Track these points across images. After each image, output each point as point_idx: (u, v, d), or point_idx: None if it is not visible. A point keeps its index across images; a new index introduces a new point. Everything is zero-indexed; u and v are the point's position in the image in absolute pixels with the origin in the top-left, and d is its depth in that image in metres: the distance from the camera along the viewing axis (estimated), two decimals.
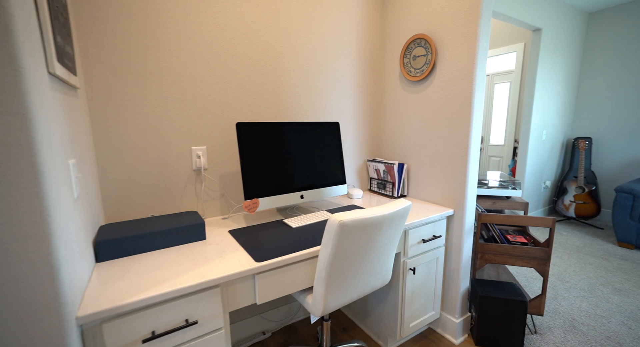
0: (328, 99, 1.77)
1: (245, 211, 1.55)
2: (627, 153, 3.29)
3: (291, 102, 1.64)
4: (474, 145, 1.48)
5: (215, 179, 1.46)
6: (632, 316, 1.77)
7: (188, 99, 1.34)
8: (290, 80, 1.62)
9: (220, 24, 1.37)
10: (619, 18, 3.25)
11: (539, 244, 1.63)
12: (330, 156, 1.59)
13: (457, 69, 1.47)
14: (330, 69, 1.75)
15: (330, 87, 1.77)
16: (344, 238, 0.97)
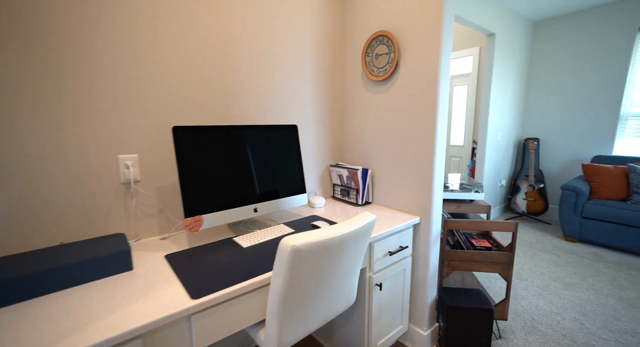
0: (285, 100, 1.61)
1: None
2: (569, 153, 3.54)
3: (243, 103, 1.46)
4: (439, 149, 1.41)
5: (150, 192, 1.23)
6: (581, 311, 1.85)
7: (116, 97, 1.10)
8: (243, 80, 1.43)
9: (157, 14, 1.14)
10: (560, 28, 3.49)
11: (502, 248, 1.62)
12: (288, 163, 1.44)
13: (421, 69, 1.39)
14: (287, 67, 1.59)
15: (288, 87, 1.61)
16: (299, 265, 0.82)
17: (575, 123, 3.47)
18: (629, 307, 1.88)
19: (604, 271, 2.34)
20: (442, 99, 1.36)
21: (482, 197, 1.85)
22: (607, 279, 2.22)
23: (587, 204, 2.77)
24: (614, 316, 1.80)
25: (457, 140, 4.06)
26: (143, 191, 1.21)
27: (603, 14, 3.19)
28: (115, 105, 1.11)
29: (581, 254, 2.62)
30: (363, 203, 1.68)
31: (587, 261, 2.50)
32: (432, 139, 1.39)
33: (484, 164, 3.35)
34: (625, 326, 1.72)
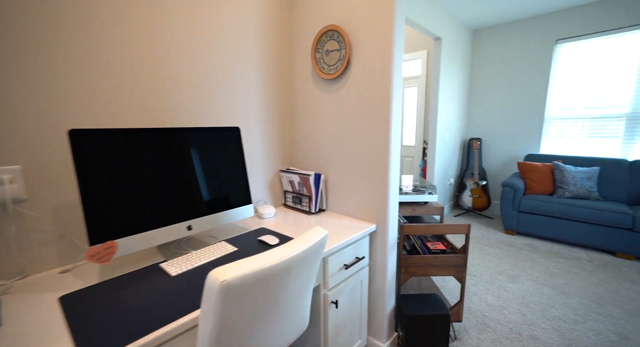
0: (227, 101, 1.42)
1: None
2: (506, 151, 3.85)
3: (176, 104, 1.23)
4: (394, 151, 1.34)
5: (44, 213, 0.96)
6: (523, 302, 1.96)
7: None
8: (176, 77, 1.21)
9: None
10: (495, 36, 3.76)
11: (456, 250, 1.62)
12: (229, 170, 1.25)
13: (373, 67, 1.31)
14: (230, 65, 1.40)
15: (231, 87, 1.42)
16: (233, 304, 0.66)
17: (510, 124, 3.78)
18: (560, 294, 2.05)
19: (538, 260, 2.54)
20: (395, 99, 1.29)
21: (435, 198, 1.85)
22: (542, 268, 2.41)
23: (523, 199, 3.00)
24: (549, 303, 1.94)
25: (409, 141, 4.18)
26: (30, 212, 0.93)
27: (528, 26, 3.50)
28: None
29: (519, 246, 2.83)
30: (316, 211, 1.56)
31: (524, 252, 2.71)
32: (386, 141, 1.32)
33: (434, 163, 3.47)
34: (559, 312, 1.85)
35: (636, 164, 2.86)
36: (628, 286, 2.15)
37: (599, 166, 2.98)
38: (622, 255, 2.58)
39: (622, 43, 3.01)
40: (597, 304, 1.94)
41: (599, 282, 2.20)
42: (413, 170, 4.20)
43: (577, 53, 3.27)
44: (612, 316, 1.82)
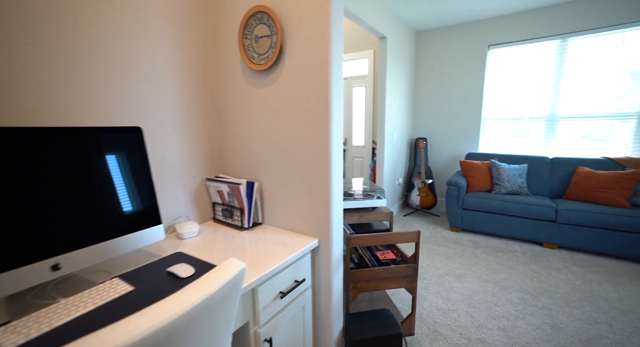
0: (132, 96, 1.11)
1: None
2: (449, 150, 4.01)
3: (57, 96, 0.89)
4: (336, 154, 1.17)
5: None
6: (470, 302, 1.96)
7: None
8: (55, 62, 0.87)
9: None
10: (435, 39, 3.89)
11: (407, 259, 1.52)
12: (126, 183, 0.95)
13: (310, 56, 1.12)
14: (136, 50, 1.09)
15: (136, 79, 1.11)
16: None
17: (452, 124, 3.94)
18: (502, 290, 2.10)
19: (481, 256, 2.63)
20: (335, 93, 1.12)
21: (384, 203, 1.74)
22: (484, 264, 2.48)
23: (466, 197, 3.11)
24: (493, 301, 1.97)
25: (359, 141, 4.13)
26: None
27: (465, 31, 3.68)
28: None
29: (464, 243, 2.92)
30: (250, 225, 1.32)
31: (468, 249, 2.79)
32: (326, 143, 1.14)
33: (383, 163, 3.45)
34: (502, 310, 1.88)
35: (555, 161, 3.14)
36: (555, 274, 2.31)
37: (527, 164, 3.22)
38: (547, 245, 2.80)
39: (542, 51, 3.30)
40: (533, 296, 2.02)
41: (532, 273, 2.33)
42: (363, 171, 4.16)
43: (505, 58, 3.51)
44: (546, 307, 1.91)
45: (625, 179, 2.63)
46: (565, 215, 2.66)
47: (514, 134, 3.58)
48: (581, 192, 2.82)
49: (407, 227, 3.40)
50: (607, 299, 2.00)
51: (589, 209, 2.59)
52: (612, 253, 2.55)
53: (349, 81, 4.17)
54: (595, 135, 3.16)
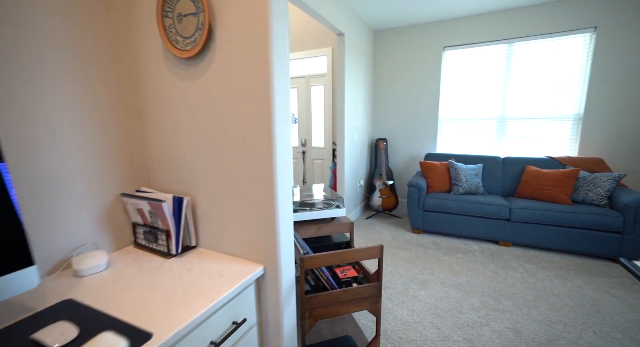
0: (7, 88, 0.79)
1: None
2: (409, 151, 4.02)
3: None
4: (282, 161, 0.96)
5: None
6: (435, 312, 1.88)
7: None
8: None
9: None
10: (393, 39, 3.87)
11: (369, 276, 1.36)
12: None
13: (246, 40, 0.90)
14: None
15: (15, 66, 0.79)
16: None
17: (411, 124, 3.95)
18: (464, 295, 2.06)
19: (442, 259, 2.60)
20: (279, 89, 0.91)
21: (343, 212, 1.57)
22: (446, 267, 2.45)
23: (427, 198, 3.10)
24: (457, 308, 1.91)
25: (319, 142, 3.96)
26: None
27: (422, 31, 3.69)
28: None
29: (425, 245, 2.89)
30: (178, 251, 1.06)
31: (430, 251, 2.76)
32: (269, 148, 0.92)
33: (344, 165, 3.32)
34: (466, 317, 1.82)
35: (506, 160, 3.27)
36: (511, 273, 2.35)
37: (482, 163, 3.31)
38: (502, 243, 2.88)
39: (492, 54, 3.41)
40: (494, 299, 2.01)
41: (491, 274, 2.34)
42: (324, 174, 4.01)
43: (459, 60, 3.59)
44: (506, 310, 1.89)
45: (567, 177, 2.79)
46: (517, 214, 2.75)
47: (469, 134, 3.68)
48: (530, 191, 2.95)
49: (370, 231, 3.31)
50: (558, 296, 2.05)
51: (538, 207, 2.70)
52: (558, 248, 2.68)
53: (307, 80, 3.99)
54: (540, 136, 3.34)
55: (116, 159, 1.11)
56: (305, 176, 4.18)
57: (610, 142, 3.04)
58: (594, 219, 2.51)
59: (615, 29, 2.89)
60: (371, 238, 3.10)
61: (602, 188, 2.65)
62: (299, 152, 4.19)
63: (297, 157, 4.22)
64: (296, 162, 4.24)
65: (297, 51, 3.94)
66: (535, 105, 3.31)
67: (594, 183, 2.71)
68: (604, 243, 2.52)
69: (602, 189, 2.65)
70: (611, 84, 2.96)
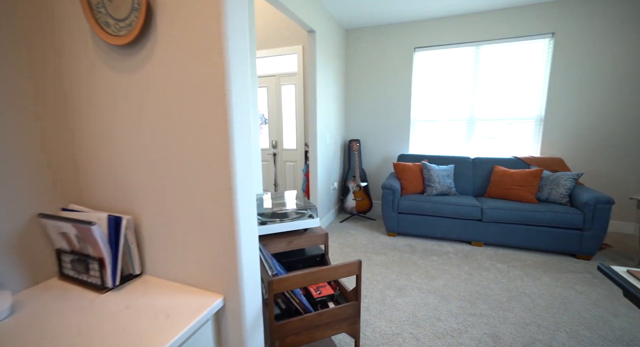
0: None
1: None
2: (382, 152, 3.99)
3: None
4: (242, 171, 0.81)
5: None
6: (414, 321, 1.81)
7: None
8: None
9: None
10: (367, 38, 3.81)
11: (347, 294, 1.24)
12: None
13: (195, 26, 0.73)
14: None
15: None
16: None
17: (384, 125, 3.92)
18: (442, 300, 2.02)
19: (418, 262, 2.57)
20: (236, 86, 0.75)
21: (317, 223, 1.44)
22: (422, 271, 2.41)
23: (401, 200, 3.06)
24: (436, 315, 1.86)
25: (290, 144, 3.81)
26: None
27: (393, 31, 3.67)
28: None
29: (401, 248, 2.85)
30: (116, 284, 0.87)
31: (406, 255, 2.72)
32: (227, 156, 0.77)
33: (317, 167, 3.19)
34: (445, 325, 1.77)
35: (476, 160, 3.33)
36: (485, 274, 2.36)
37: (453, 164, 3.34)
38: (475, 243, 2.91)
39: (461, 56, 3.47)
40: (470, 303, 1.99)
41: (466, 276, 2.33)
42: (296, 177, 3.86)
43: (430, 61, 3.61)
44: (483, 314, 1.87)
45: (532, 177, 2.88)
46: (489, 214, 2.79)
47: (441, 135, 3.72)
48: (499, 190, 3.01)
49: (344, 235, 3.21)
50: (530, 296, 2.07)
51: (507, 207, 2.76)
52: (526, 246, 2.76)
53: (277, 79, 3.82)
54: (506, 136, 3.45)
55: (30, 170, 0.88)
56: (277, 179, 4.00)
57: (568, 142, 3.21)
58: (557, 217, 2.61)
59: (571, 35, 3.04)
60: (346, 243, 3.01)
61: (564, 187, 2.77)
62: (269, 155, 4.00)
63: (267, 159, 4.03)
64: (267, 164, 4.04)
65: (267, 48, 3.75)
66: (501, 107, 3.41)
67: (556, 182, 2.82)
68: (566, 240, 2.63)
69: (563, 187, 2.77)
70: (568, 87, 3.12)
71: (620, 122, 3.02)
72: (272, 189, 4.06)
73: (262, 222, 1.39)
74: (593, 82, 3.04)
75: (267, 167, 4.05)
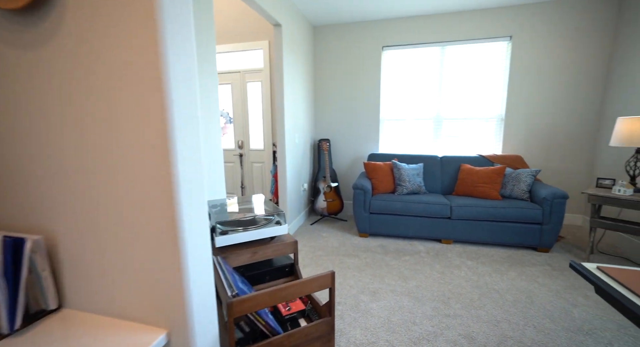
0: None
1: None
2: (352, 151, 3.93)
3: None
4: (188, 179, 0.65)
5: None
6: (389, 327, 1.74)
7: None
8: None
9: None
10: (335, 35, 3.73)
11: (319, 308, 1.12)
12: None
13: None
14: None
15: None
16: None
17: (353, 124, 3.87)
18: (416, 302, 1.98)
19: (391, 263, 2.52)
20: (175, 68, 0.60)
21: (285, 230, 1.30)
22: (395, 272, 2.37)
23: (372, 200, 3.01)
24: (411, 319, 1.81)
25: (258, 144, 3.61)
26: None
27: (360, 29, 3.63)
28: None
29: (373, 249, 2.80)
30: (15, 327, 0.66)
31: (378, 256, 2.66)
32: (166, 155, 0.61)
33: (285, 168, 3.04)
34: (420, 329, 1.72)
35: (444, 159, 3.39)
36: (456, 272, 2.37)
37: (422, 163, 3.37)
38: (445, 241, 2.95)
39: (428, 55, 3.51)
40: (444, 303, 1.97)
41: (438, 275, 2.33)
42: (264, 178, 3.68)
43: (398, 60, 3.62)
44: (457, 314, 1.85)
45: (496, 174, 2.98)
46: (457, 211, 2.83)
47: (409, 134, 3.74)
48: (466, 188, 3.08)
49: (315, 238, 3.09)
50: (499, 292, 2.10)
51: (474, 204, 2.82)
52: (492, 242, 2.84)
53: (242, 75, 3.60)
54: (471, 135, 3.55)
55: None
56: (244, 182, 3.78)
57: (526, 140, 3.37)
58: (519, 212, 2.71)
59: (527, 39, 3.20)
60: (317, 246, 2.89)
61: (524, 183, 2.89)
62: (235, 156, 3.77)
63: (233, 160, 3.79)
64: (233, 166, 3.81)
65: (230, 43, 3.53)
66: (466, 106, 3.50)
67: (517, 179, 2.94)
68: (528, 234, 2.74)
69: (524, 184, 2.89)
70: (525, 88, 3.28)
71: (572, 121, 3.23)
72: (239, 192, 3.84)
73: (223, 232, 1.22)
74: (547, 84, 3.22)
75: (233, 169, 3.82)
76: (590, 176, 3.26)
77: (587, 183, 3.29)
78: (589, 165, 3.26)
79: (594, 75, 3.10)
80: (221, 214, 1.39)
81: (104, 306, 0.72)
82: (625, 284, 1.00)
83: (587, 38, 3.06)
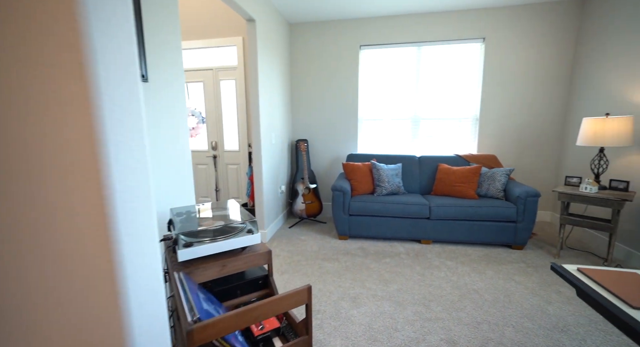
0: None
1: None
2: (331, 152, 3.87)
3: None
4: (129, 183, 0.53)
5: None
6: (371, 335, 1.68)
7: None
8: None
9: None
10: (312, 33, 3.65)
11: (296, 325, 1.02)
12: None
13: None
14: None
15: None
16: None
17: (331, 124, 3.80)
18: (397, 307, 1.93)
19: (371, 266, 2.47)
20: (103, 45, 0.48)
21: (257, 239, 1.19)
22: (376, 276, 2.32)
23: (352, 202, 2.95)
24: (393, 325, 1.75)
25: (232, 145, 3.45)
26: None
27: (337, 28, 3.57)
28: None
29: (353, 252, 2.74)
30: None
31: (358, 259, 2.60)
32: (93, 161, 0.48)
33: (262, 170, 2.91)
34: (403, 335, 1.67)
35: (422, 159, 3.40)
36: (436, 274, 2.36)
37: (401, 163, 3.36)
38: (424, 241, 2.94)
39: (405, 55, 3.51)
40: (425, 306, 1.93)
41: (419, 277, 2.30)
42: (240, 181, 3.52)
43: (375, 59, 3.60)
44: (438, 318, 1.82)
45: (472, 173, 3.02)
46: (436, 211, 2.83)
47: (387, 134, 3.73)
48: (444, 188, 3.10)
49: (294, 242, 2.99)
50: (478, 292, 2.11)
51: (452, 204, 2.83)
52: (470, 241, 2.87)
53: (214, 73, 3.43)
54: (448, 135, 3.60)
55: None
56: (218, 184, 3.60)
57: (499, 140, 3.46)
58: (495, 211, 2.75)
59: (498, 40, 3.27)
60: (296, 250, 2.79)
61: (499, 182, 2.95)
62: (209, 157, 3.58)
63: (207, 162, 3.60)
64: (206, 168, 3.62)
65: (202, 38, 3.34)
66: (443, 106, 3.54)
67: (493, 178, 3.00)
68: (503, 232, 2.79)
69: (499, 183, 2.95)
70: (498, 89, 3.36)
71: (541, 121, 3.35)
72: (213, 196, 3.65)
73: (187, 244, 1.09)
74: (518, 85, 3.32)
75: (206, 172, 3.62)
76: (558, 174, 3.40)
77: (556, 181, 3.42)
78: (557, 163, 3.40)
79: (560, 77, 3.23)
80: (187, 222, 1.25)
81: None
82: (606, 286, 0.99)
83: (553, 41, 3.18)
